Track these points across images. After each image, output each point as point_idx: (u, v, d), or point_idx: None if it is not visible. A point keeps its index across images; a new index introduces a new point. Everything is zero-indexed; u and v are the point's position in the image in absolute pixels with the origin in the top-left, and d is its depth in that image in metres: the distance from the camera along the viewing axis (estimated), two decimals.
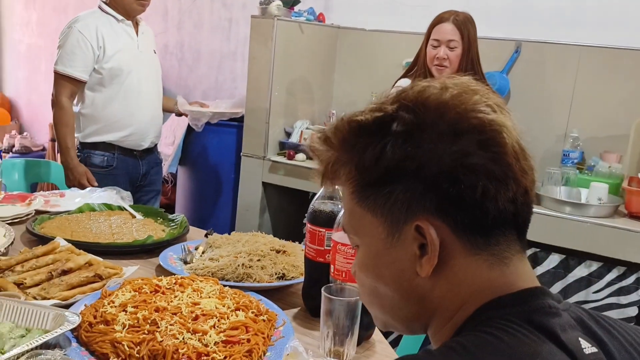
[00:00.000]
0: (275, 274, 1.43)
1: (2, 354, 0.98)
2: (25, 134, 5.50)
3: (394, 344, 1.58)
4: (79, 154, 2.71)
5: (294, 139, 3.25)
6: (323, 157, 0.72)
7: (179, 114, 3.19)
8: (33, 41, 5.45)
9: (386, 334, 1.35)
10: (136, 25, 2.75)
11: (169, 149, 4.00)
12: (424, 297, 0.70)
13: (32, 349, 0.97)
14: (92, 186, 2.55)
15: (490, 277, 0.67)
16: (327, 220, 1.27)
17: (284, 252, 1.51)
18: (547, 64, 2.98)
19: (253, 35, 3.14)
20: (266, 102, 3.13)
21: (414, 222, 0.66)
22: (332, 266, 1.23)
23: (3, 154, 5.16)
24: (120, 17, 2.66)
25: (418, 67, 2.51)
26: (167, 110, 3.07)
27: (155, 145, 2.89)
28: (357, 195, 0.70)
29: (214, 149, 3.44)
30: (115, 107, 2.66)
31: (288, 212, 3.45)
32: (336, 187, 0.76)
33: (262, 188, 3.23)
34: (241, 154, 3.25)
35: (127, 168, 2.76)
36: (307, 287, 1.36)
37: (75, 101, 2.68)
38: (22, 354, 0.96)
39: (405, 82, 2.46)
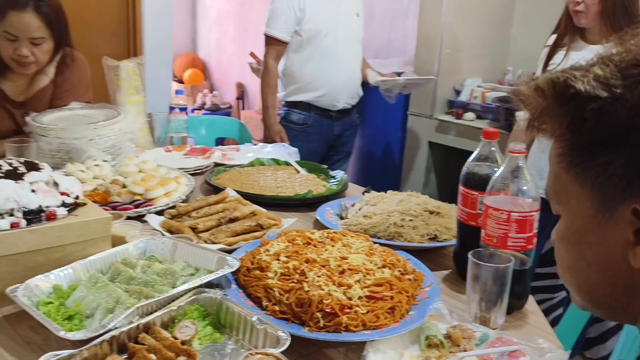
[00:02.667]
0: (427, 234, 1.42)
1: (174, 288, 1.11)
2: (215, 92, 6.01)
3: (553, 323, 1.49)
4: (281, 111, 2.93)
5: (464, 97, 3.14)
6: (531, 103, 0.64)
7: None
8: (222, 6, 5.87)
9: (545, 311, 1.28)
10: None
11: None
12: (636, 288, 0.61)
13: (197, 287, 1.09)
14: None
15: None
16: (480, 183, 1.23)
17: (438, 213, 1.49)
18: None
19: None
20: (435, 59, 3.05)
21: (632, 203, 0.57)
22: (483, 231, 1.19)
23: (196, 111, 5.71)
24: None
25: (561, 19, 2.24)
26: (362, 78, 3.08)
27: (352, 106, 2.96)
28: (564, 159, 0.62)
29: (380, 107, 3.45)
30: (310, 68, 2.80)
31: (454, 173, 3.36)
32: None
33: (429, 148, 3.19)
34: (408, 112, 3.22)
35: (322, 127, 2.90)
36: (458, 250, 1.33)
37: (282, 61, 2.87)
38: (190, 290, 1.08)
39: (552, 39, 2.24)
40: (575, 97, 0.59)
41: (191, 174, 1.91)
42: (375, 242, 1.33)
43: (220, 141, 3.22)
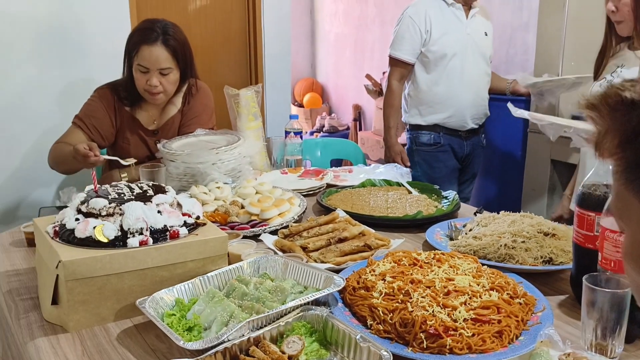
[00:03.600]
0: (541, 257, 1.36)
1: (284, 304, 1.16)
2: (333, 115, 6.16)
3: None
4: (408, 134, 2.96)
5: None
6: (596, 125, 0.64)
7: (514, 93, 3.09)
8: (340, 30, 6.04)
9: None
10: (468, 8, 2.81)
11: None
12: None
13: (305, 304, 1.13)
14: (405, 166, 2.80)
15: None
16: (597, 203, 1.16)
17: (554, 235, 1.43)
18: None
19: (543, 3, 2.95)
20: (556, 73, 2.92)
21: None
22: (600, 254, 1.12)
23: (315, 133, 5.88)
24: (450, 1, 2.77)
25: (605, 29, 2.07)
26: (497, 92, 3.04)
27: (480, 127, 2.94)
28: (622, 176, 0.61)
29: (500, 123, 3.35)
30: (438, 89, 2.81)
31: None
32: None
33: (551, 166, 3.04)
34: (528, 130, 3.10)
35: (454, 146, 2.88)
36: (575, 274, 1.26)
37: (405, 84, 2.91)
38: (298, 306, 1.13)
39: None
40: (626, 107, 0.58)
41: (304, 195, 1.98)
42: (484, 264, 1.30)
43: (335, 162, 3.31)
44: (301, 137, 2.32)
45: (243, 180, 1.99)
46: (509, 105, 2.09)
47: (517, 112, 2.04)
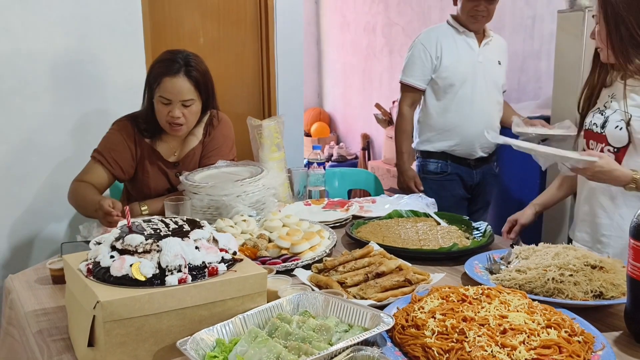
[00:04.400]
0: (591, 291, 1.31)
1: (330, 344, 1.11)
2: (341, 144, 6.15)
3: None
4: (417, 162, 2.94)
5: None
6: None
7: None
8: (347, 60, 6.07)
9: None
10: (482, 36, 2.81)
11: None
12: None
13: (356, 344, 1.08)
14: (419, 191, 2.77)
15: None
16: None
17: (602, 268, 1.38)
18: None
19: (560, 31, 2.95)
20: (575, 102, 2.90)
21: None
22: None
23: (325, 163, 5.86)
24: (461, 29, 2.78)
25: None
26: (506, 126, 2.95)
27: (490, 155, 2.90)
28: None
29: (518, 154, 3.31)
30: (447, 117, 2.79)
31: None
32: None
33: (571, 197, 2.99)
34: None
35: (462, 175, 2.85)
36: (630, 310, 1.21)
37: (416, 110, 2.90)
38: (348, 347, 1.08)
39: None
40: None
41: (331, 227, 1.94)
42: (534, 299, 1.25)
43: (351, 192, 3.27)
44: (324, 168, 2.29)
45: (268, 213, 1.95)
46: (485, 132, 2.04)
47: (493, 138, 1.99)
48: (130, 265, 1.17)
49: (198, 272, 1.19)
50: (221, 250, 1.28)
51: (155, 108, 2.08)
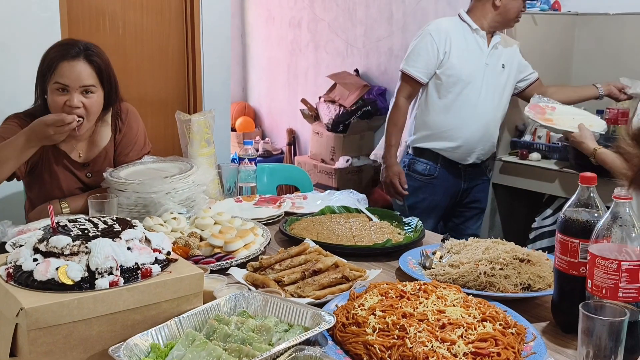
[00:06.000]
0: (520, 284, 1.36)
1: (271, 345, 1.09)
2: (266, 139, 6.10)
3: None
4: (405, 158, 2.79)
5: (527, 137, 3.08)
6: (634, 161, 0.64)
7: (610, 95, 2.76)
8: (273, 54, 6.01)
9: None
10: (491, 36, 2.68)
11: None
12: None
13: (297, 344, 1.06)
14: (402, 189, 2.65)
15: None
16: (581, 230, 1.18)
17: (529, 261, 1.44)
18: None
19: None
20: None
21: None
22: (589, 281, 1.13)
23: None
24: (475, 26, 2.62)
25: None
26: (585, 99, 2.81)
27: (483, 162, 2.80)
28: None
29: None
30: (448, 117, 2.65)
31: (520, 215, 3.28)
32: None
33: (492, 189, 3.12)
34: None
35: (448, 181, 2.73)
36: (557, 301, 1.27)
37: (413, 104, 2.73)
38: (290, 347, 1.06)
39: None
40: None
41: (264, 224, 1.91)
42: (468, 294, 1.28)
43: (281, 188, 3.24)
44: (255, 164, 2.25)
45: (198, 210, 1.90)
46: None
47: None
48: (56, 269, 1.09)
49: (130, 274, 1.14)
50: (154, 250, 1.23)
51: (50, 99, 1.85)
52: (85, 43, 1.92)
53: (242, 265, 1.54)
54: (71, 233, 1.17)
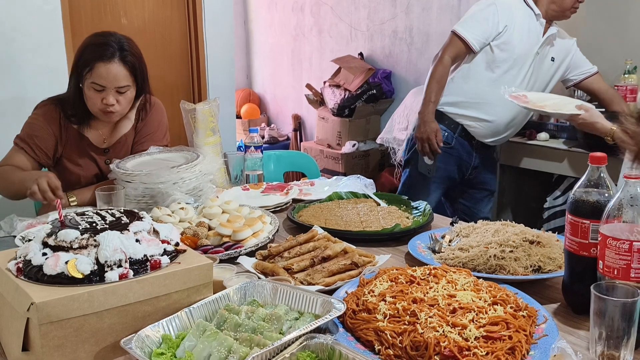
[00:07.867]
0: (530, 266, 1.35)
1: (282, 333, 1.09)
2: (272, 125, 6.08)
3: None
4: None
5: (535, 117, 3.05)
6: (638, 139, 0.63)
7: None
8: (276, 40, 5.98)
9: None
10: (549, 25, 2.63)
11: (402, 134, 4.07)
12: None
13: (308, 332, 1.06)
14: (437, 147, 2.55)
15: None
16: (591, 210, 1.16)
17: (538, 242, 1.42)
18: None
19: None
20: None
21: None
22: (600, 262, 1.12)
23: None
24: (537, 11, 2.59)
25: None
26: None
27: (495, 147, 2.79)
28: None
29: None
30: (488, 90, 2.59)
31: (528, 196, 3.26)
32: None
33: (500, 171, 3.10)
34: None
35: (462, 154, 2.70)
36: (568, 282, 1.26)
37: (455, 66, 2.67)
38: (301, 335, 1.06)
39: None
40: None
41: (272, 212, 1.91)
42: (478, 277, 1.27)
43: (288, 175, 3.24)
44: (262, 151, 2.24)
45: (206, 199, 1.90)
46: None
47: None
48: (66, 263, 1.10)
49: (140, 266, 1.14)
50: (163, 241, 1.23)
51: (86, 95, 1.95)
52: (119, 39, 1.95)
53: (251, 254, 1.54)
54: (79, 226, 1.17)
